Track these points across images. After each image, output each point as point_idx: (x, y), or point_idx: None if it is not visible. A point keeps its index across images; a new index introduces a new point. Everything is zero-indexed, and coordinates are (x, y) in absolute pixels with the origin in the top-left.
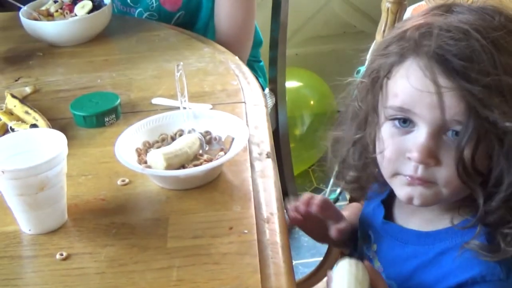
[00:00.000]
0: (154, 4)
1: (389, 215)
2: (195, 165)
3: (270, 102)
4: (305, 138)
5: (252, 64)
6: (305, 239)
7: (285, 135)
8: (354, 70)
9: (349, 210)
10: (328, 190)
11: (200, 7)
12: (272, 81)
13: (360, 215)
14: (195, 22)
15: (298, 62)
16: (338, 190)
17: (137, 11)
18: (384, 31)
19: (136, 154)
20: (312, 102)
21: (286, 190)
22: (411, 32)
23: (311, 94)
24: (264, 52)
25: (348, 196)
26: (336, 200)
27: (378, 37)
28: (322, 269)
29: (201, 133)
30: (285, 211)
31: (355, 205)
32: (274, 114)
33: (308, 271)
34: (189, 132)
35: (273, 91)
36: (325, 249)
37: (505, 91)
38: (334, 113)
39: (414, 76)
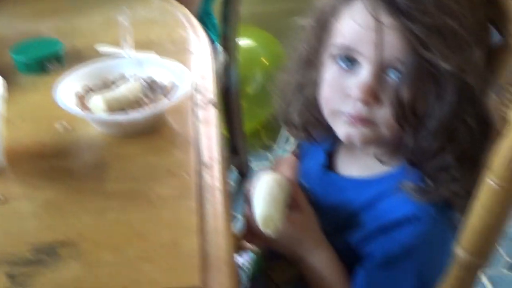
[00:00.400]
0: None
1: (331, 166)
2: (137, 111)
3: (222, 59)
4: (257, 97)
5: (203, 18)
6: None
7: (236, 93)
8: None
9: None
10: (278, 148)
11: None
12: (224, 38)
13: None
14: None
15: (253, 21)
16: (288, 148)
17: None
18: None
19: (77, 99)
20: (265, 61)
21: (237, 148)
22: None
23: (264, 53)
24: (217, 8)
25: None
26: None
27: None
28: None
29: (144, 79)
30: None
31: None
32: (226, 71)
33: None
34: (132, 78)
35: (225, 48)
36: None
37: (447, 34)
38: None
39: (359, 15)
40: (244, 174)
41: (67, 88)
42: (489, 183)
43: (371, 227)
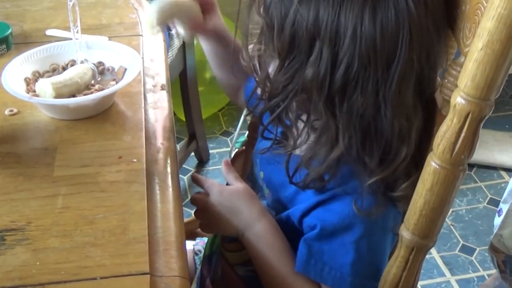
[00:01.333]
0: None
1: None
2: (85, 95)
3: (178, 43)
4: (214, 81)
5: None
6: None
7: (193, 77)
8: None
9: None
10: (236, 133)
11: None
12: None
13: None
14: None
15: None
16: (246, 133)
17: None
18: None
19: (25, 84)
20: None
21: (195, 134)
22: None
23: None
24: None
25: None
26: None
27: None
28: None
29: (93, 64)
30: None
31: None
32: (182, 56)
33: None
34: (82, 62)
35: None
36: None
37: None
38: None
39: None
40: (203, 160)
41: (15, 73)
42: (432, 165)
43: (312, 201)
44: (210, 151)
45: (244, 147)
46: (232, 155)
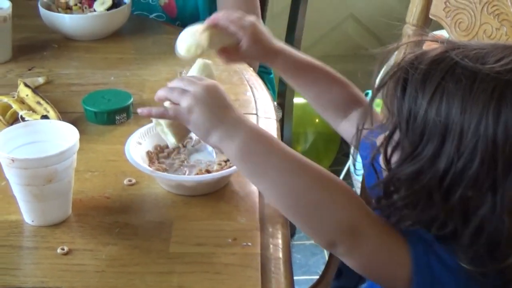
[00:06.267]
0: (158, 9)
1: None
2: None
3: (277, 116)
4: (306, 155)
5: (262, 75)
6: (297, 256)
7: None
8: (362, 92)
9: None
10: None
11: (197, 17)
12: (280, 95)
13: None
14: None
15: None
16: None
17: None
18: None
19: (147, 158)
20: (317, 120)
21: None
22: None
23: (316, 112)
24: None
25: None
26: None
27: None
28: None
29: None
30: None
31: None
32: (280, 129)
33: None
34: (198, 142)
35: (281, 105)
36: (317, 267)
37: None
38: (337, 134)
39: None
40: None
41: (136, 145)
42: None
43: None
44: None
45: None
46: None
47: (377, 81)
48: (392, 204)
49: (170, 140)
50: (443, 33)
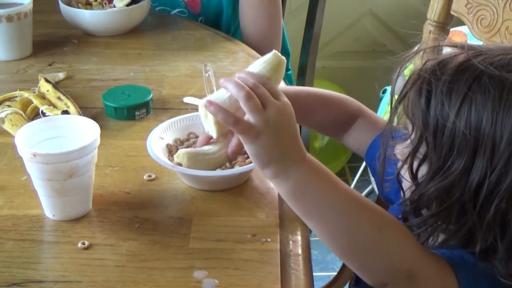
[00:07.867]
0: (181, 5)
1: None
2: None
3: None
4: (324, 151)
5: None
6: (314, 252)
7: (306, 147)
8: (379, 89)
9: None
10: None
11: (220, 13)
12: None
13: None
14: (217, 27)
15: (325, 75)
16: None
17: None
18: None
19: (167, 151)
20: None
21: None
22: None
23: None
24: (294, 61)
25: None
26: None
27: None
28: (335, 285)
29: None
30: None
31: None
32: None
33: (316, 285)
34: None
35: None
36: (334, 264)
37: None
38: None
39: None
40: None
41: (157, 140)
42: None
43: None
44: None
45: None
46: None
47: (396, 88)
48: (423, 222)
49: (211, 130)
50: (462, 29)
